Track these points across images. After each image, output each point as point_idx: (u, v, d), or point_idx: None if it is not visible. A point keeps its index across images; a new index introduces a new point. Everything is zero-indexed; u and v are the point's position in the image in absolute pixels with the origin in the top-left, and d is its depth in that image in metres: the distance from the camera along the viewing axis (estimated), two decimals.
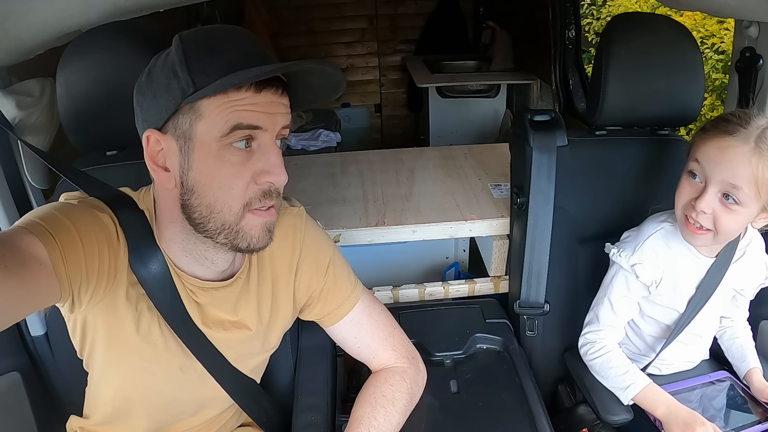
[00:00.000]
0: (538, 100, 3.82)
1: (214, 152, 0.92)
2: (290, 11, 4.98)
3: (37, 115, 1.34)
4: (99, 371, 1.13)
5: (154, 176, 0.99)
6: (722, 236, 1.24)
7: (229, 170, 0.93)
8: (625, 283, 1.40)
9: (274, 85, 0.93)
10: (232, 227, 0.97)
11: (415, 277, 2.11)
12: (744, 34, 1.52)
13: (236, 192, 0.94)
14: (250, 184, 0.95)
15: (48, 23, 1.14)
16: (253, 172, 0.94)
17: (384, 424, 1.15)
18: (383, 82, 5.51)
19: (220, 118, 0.90)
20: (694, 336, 1.43)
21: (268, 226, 1.01)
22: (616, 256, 1.40)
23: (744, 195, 1.16)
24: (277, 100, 0.94)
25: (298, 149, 3.84)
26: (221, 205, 0.95)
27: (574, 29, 3.24)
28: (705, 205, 1.19)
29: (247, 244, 0.99)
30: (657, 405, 1.31)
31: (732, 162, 1.16)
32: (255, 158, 0.94)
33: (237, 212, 0.96)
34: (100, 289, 0.97)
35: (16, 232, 0.86)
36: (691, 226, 1.25)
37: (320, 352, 1.44)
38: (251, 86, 0.90)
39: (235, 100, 0.90)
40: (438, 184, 2.17)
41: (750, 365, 1.41)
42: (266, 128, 0.93)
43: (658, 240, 1.36)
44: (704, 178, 1.21)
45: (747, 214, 1.20)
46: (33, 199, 1.42)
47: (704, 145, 1.21)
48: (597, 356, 1.41)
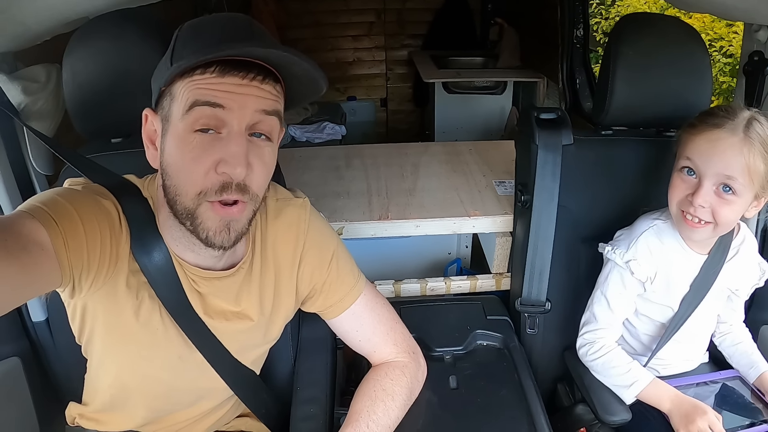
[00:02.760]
0: (545, 98, 3.80)
1: (179, 134, 0.93)
2: (297, 3, 4.96)
3: (42, 101, 1.34)
4: (98, 358, 1.13)
5: (147, 153, 1.01)
6: (722, 227, 1.26)
7: (189, 153, 0.92)
8: (620, 280, 1.40)
9: (245, 69, 0.91)
10: (191, 213, 0.95)
11: (417, 272, 2.11)
12: (753, 37, 1.52)
13: (194, 177, 0.93)
14: (210, 171, 0.92)
15: (55, 9, 1.14)
16: (214, 159, 0.92)
17: (383, 418, 1.15)
18: (389, 77, 5.49)
19: (184, 97, 0.92)
20: (690, 335, 1.43)
21: (229, 224, 0.97)
22: (610, 254, 1.41)
23: (739, 185, 1.20)
24: (248, 83, 0.92)
25: (303, 141, 3.85)
26: (182, 188, 0.95)
27: (582, 28, 3.23)
28: (702, 199, 1.22)
29: (205, 235, 0.97)
30: (662, 399, 1.32)
31: (724, 154, 1.19)
32: (219, 146, 0.92)
33: (193, 198, 0.94)
34: (101, 276, 0.98)
35: (19, 217, 0.86)
36: (689, 221, 1.26)
37: (320, 345, 1.44)
38: (216, 68, 0.90)
39: (198, 80, 0.91)
40: (442, 179, 2.17)
41: (761, 369, 1.40)
42: (229, 107, 0.91)
43: (652, 236, 1.37)
44: (698, 173, 1.24)
45: (743, 203, 1.23)
46: (37, 184, 1.42)
47: (694, 141, 1.25)
48: (597, 357, 1.41)
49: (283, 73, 0.97)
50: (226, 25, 0.96)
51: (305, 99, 1.06)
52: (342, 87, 5.39)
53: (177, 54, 0.94)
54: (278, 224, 1.18)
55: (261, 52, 0.92)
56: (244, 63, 0.91)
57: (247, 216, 0.99)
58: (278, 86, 0.97)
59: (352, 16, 5.22)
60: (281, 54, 0.90)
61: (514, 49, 4.28)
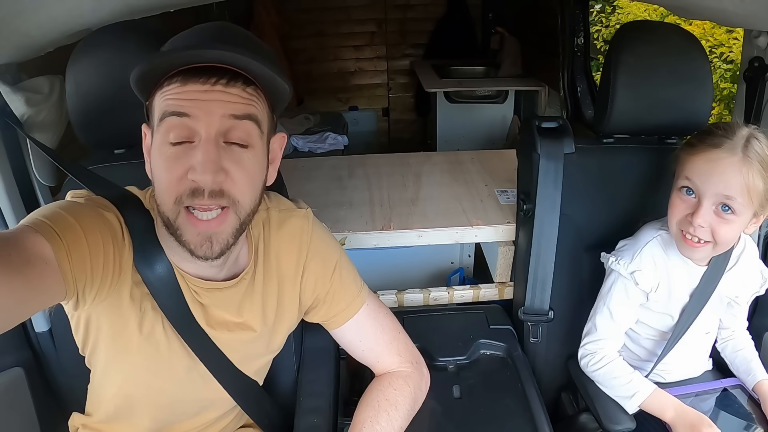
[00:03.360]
0: (546, 106, 3.81)
1: (157, 146, 0.94)
2: (299, 13, 4.99)
3: (45, 112, 1.34)
4: (102, 369, 1.13)
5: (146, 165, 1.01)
6: (721, 246, 1.27)
7: (163, 164, 0.93)
8: (624, 291, 1.40)
9: (207, 74, 0.90)
10: (172, 223, 0.95)
11: (419, 282, 2.10)
12: (753, 43, 1.52)
13: (169, 186, 0.93)
14: (182, 178, 0.92)
15: (58, 21, 1.15)
16: (185, 167, 0.91)
17: (386, 428, 1.15)
18: (391, 86, 5.51)
19: (157, 109, 0.93)
20: (692, 342, 1.43)
21: (211, 238, 0.96)
22: (614, 264, 1.41)
23: (738, 204, 1.20)
24: (211, 89, 0.90)
25: (305, 151, 3.85)
26: (161, 197, 0.95)
27: (582, 36, 3.24)
28: (702, 219, 1.22)
29: (189, 248, 0.96)
30: (665, 409, 1.31)
31: (724, 174, 1.20)
32: (191, 154, 0.91)
33: (171, 207, 0.94)
34: (105, 288, 0.98)
35: (22, 231, 0.86)
36: (688, 240, 1.27)
37: (323, 355, 1.44)
38: (178, 78, 0.90)
39: (166, 91, 0.91)
40: (444, 189, 2.17)
41: (758, 377, 1.40)
42: (194, 116, 0.90)
43: (656, 247, 1.38)
44: (697, 192, 1.24)
45: (742, 222, 1.23)
46: (40, 195, 1.43)
47: (693, 161, 1.25)
48: (599, 367, 1.40)
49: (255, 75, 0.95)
50: (199, 33, 0.97)
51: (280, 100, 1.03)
52: (344, 97, 5.41)
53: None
54: (281, 235, 1.18)
55: (212, 54, 0.90)
56: (207, 68, 0.90)
57: (231, 226, 0.97)
58: (251, 88, 0.95)
59: (354, 27, 5.24)
60: (227, 54, 0.89)
61: (515, 58, 4.29)
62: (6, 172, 1.34)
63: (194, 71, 0.90)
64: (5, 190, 1.34)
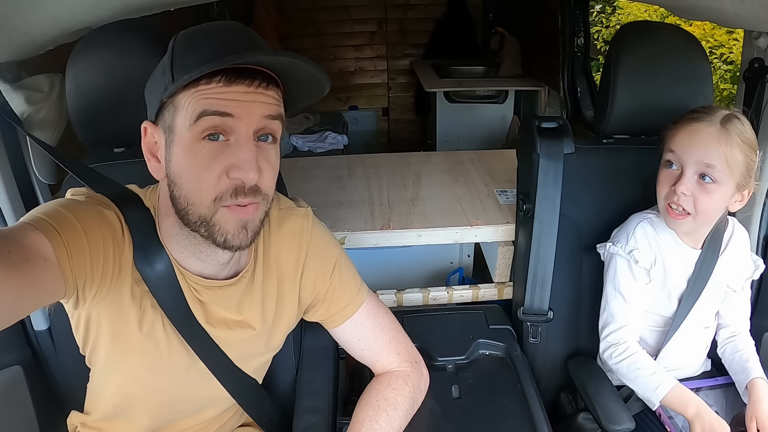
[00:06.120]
0: (546, 107, 3.81)
1: (187, 144, 0.93)
2: (299, 13, 4.99)
3: (45, 110, 1.34)
4: (101, 368, 1.13)
5: (148, 165, 1.01)
6: (701, 217, 1.31)
7: (199, 162, 0.93)
8: (629, 271, 1.43)
9: (250, 76, 0.92)
10: (207, 221, 0.96)
11: (419, 282, 2.11)
12: (753, 44, 1.52)
13: (206, 185, 0.93)
14: (222, 177, 0.93)
15: (58, 19, 1.15)
16: (225, 165, 0.93)
17: (385, 428, 1.14)
18: (391, 86, 5.51)
19: (190, 108, 0.92)
20: (691, 335, 1.44)
21: (246, 224, 0.98)
22: (612, 248, 1.44)
23: (718, 173, 1.26)
24: (254, 90, 0.93)
25: (305, 151, 3.85)
26: (195, 197, 0.95)
27: (582, 37, 3.24)
28: (684, 187, 1.28)
29: (223, 239, 0.97)
30: (688, 405, 1.31)
31: (702, 142, 1.27)
32: (229, 152, 0.93)
33: (209, 206, 0.95)
34: (105, 286, 0.98)
35: (22, 229, 0.86)
36: (673, 212, 1.32)
37: (323, 354, 1.44)
38: (222, 78, 0.90)
39: (204, 90, 0.91)
40: (444, 188, 2.17)
41: (751, 375, 1.38)
42: (237, 116, 0.92)
43: (647, 226, 1.43)
44: (680, 164, 1.31)
45: (724, 192, 1.29)
46: (40, 194, 1.43)
47: (676, 135, 1.33)
48: (623, 358, 1.40)
49: (285, 77, 0.98)
50: (221, 34, 0.96)
51: (306, 100, 1.06)
52: (344, 96, 5.40)
53: (177, 65, 0.93)
54: (281, 234, 1.18)
55: (270, 60, 0.93)
56: (249, 70, 0.92)
57: (260, 215, 1.00)
58: (279, 90, 0.98)
59: (354, 26, 5.24)
60: (289, 60, 0.92)
61: (515, 58, 4.29)
62: (6, 171, 1.34)
63: (237, 72, 0.91)
64: (5, 188, 1.34)
